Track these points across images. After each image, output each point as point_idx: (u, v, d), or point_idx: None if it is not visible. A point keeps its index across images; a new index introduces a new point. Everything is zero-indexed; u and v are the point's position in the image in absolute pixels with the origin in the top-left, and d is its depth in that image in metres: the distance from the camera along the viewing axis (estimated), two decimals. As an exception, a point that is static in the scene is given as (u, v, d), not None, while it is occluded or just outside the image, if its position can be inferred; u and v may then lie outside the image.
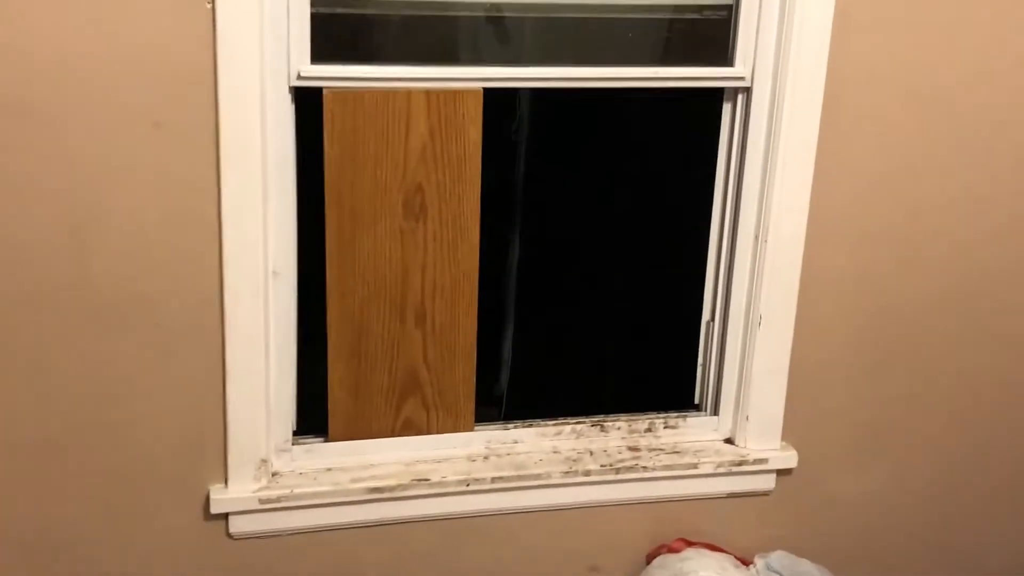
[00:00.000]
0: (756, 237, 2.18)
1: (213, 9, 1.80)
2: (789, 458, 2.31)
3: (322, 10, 1.91)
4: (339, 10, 1.95)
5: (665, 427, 2.32)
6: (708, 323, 2.31)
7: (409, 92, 1.98)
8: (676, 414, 2.34)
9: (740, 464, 2.29)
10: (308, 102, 1.96)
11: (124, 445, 1.99)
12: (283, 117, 1.95)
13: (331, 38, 1.95)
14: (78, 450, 1.98)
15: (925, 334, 2.33)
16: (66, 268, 1.87)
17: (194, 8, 1.80)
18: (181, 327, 1.95)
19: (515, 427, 2.26)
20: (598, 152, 2.62)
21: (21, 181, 1.81)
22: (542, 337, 2.60)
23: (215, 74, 1.83)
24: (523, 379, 2.52)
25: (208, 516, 2.06)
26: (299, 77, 1.92)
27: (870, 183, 2.19)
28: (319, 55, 1.93)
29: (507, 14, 2.06)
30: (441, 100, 1.99)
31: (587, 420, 2.30)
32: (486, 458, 2.21)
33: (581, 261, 2.68)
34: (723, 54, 2.12)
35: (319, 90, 1.94)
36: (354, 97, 1.96)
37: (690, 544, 2.29)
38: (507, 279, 2.62)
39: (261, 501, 2.06)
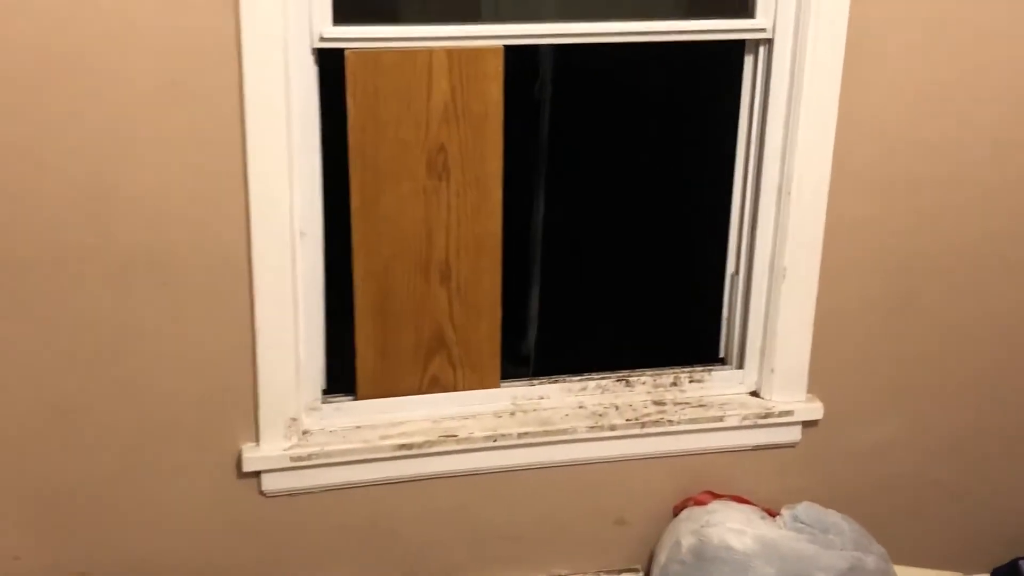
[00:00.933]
0: (779, 190, 2.19)
1: (234, -29, 1.81)
2: (815, 410, 2.33)
3: (342, -30, 1.93)
4: (359, -30, 1.96)
5: (690, 381, 2.34)
6: (732, 276, 2.32)
7: (430, 51, 1.98)
8: (701, 368, 2.35)
9: (766, 416, 2.30)
10: (330, 63, 1.97)
11: (156, 406, 2.03)
12: (306, 79, 1.96)
13: (351, -1, 1.96)
14: (110, 411, 2.02)
15: (949, 284, 2.33)
16: (93, 232, 1.90)
17: (216, -30, 1.81)
18: (210, 288, 1.98)
19: (540, 383, 2.28)
20: (620, 109, 2.64)
21: (46, 146, 1.84)
22: (568, 294, 2.63)
23: (238, 37, 1.85)
24: (549, 336, 2.55)
25: (240, 474, 2.10)
26: (321, 39, 1.94)
27: (893, 133, 2.19)
28: (340, 16, 1.94)
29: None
30: (462, 58, 2.00)
31: (612, 375, 2.32)
32: (512, 414, 2.24)
33: (605, 219, 2.70)
34: (744, 5, 2.11)
35: (341, 51, 1.96)
36: (376, 57, 1.97)
37: (716, 496, 2.31)
38: (532, 237, 2.64)
39: (292, 459, 2.09)
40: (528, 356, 2.58)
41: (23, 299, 1.91)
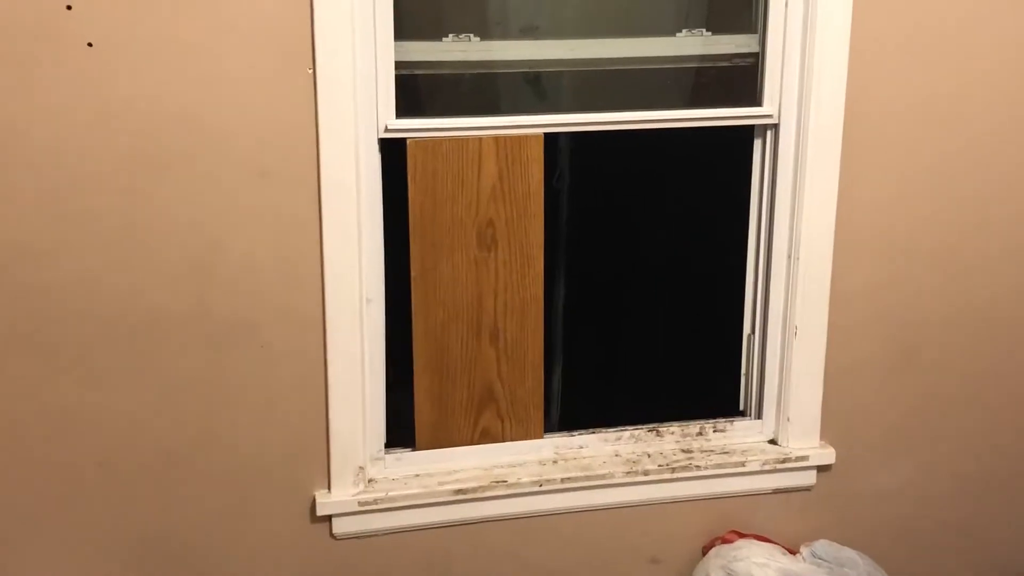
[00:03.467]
0: (789, 256, 2.45)
1: (314, 74, 2.10)
2: (827, 455, 2.55)
3: (404, 72, 2.22)
4: (418, 72, 2.25)
5: (714, 431, 2.57)
6: (749, 336, 2.57)
7: (480, 139, 2.27)
8: (724, 419, 2.59)
9: (784, 462, 2.53)
10: (391, 150, 2.26)
11: (238, 456, 2.27)
12: (373, 164, 2.24)
13: (411, 95, 2.25)
14: (197, 460, 2.25)
15: (949, 337, 2.57)
16: (188, 298, 2.16)
17: (298, 73, 2.10)
18: (288, 349, 2.23)
19: (580, 434, 2.52)
20: (641, 190, 2.89)
21: (151, 223, 2.11)
22: (600, 357, 2.86)
23: (316, 129, 2.13)
24: (585, 393, 2.78)
25: (314, 518, 2.32)
26: (386, 130, 2.22)
27: (890, 202, 2.45)
28: (402, 110, 2.23)
29: (559, 69, 2.35)
30: (508, 145, 2.28)
31: (644, 427, 2.55)
32: (555, 462, 2.47)
33: (631, 288, 2.95)
34: (752, 95, 2.40)
35: (403, 140, 2.24)
36: (433, 145, 2.25)
37: (742, 536, 2.52)
38: (556, 310, 2.88)
39: (360, 504, 2.32)
40: (564, 410, 2.80)
41: (134, 360, 2.17)
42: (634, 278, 2.97)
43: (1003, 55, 2.41)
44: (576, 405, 2.82)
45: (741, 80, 2.40)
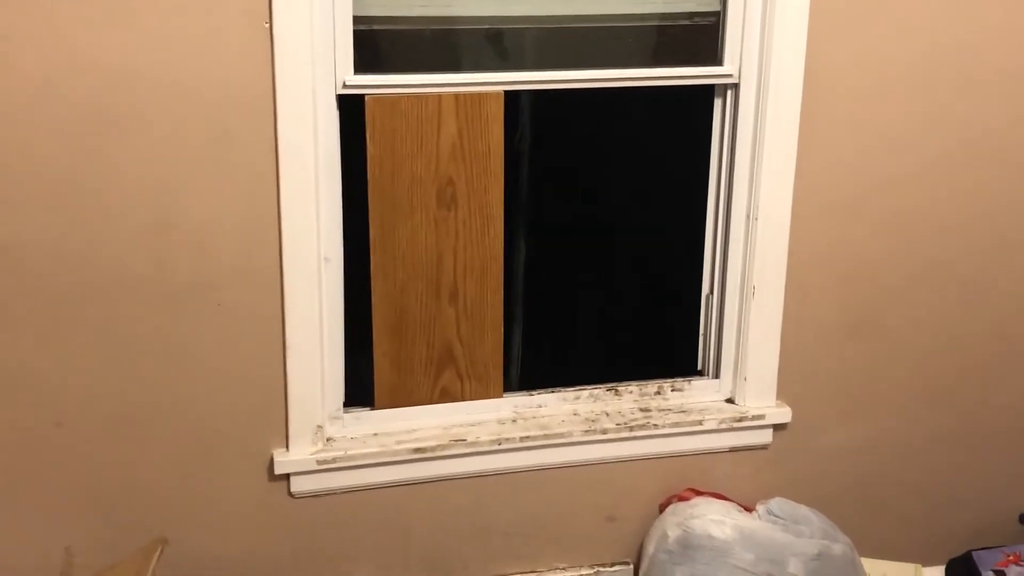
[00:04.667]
0: (748, 216, 2.46)
1: (270, 28, 2.07)
2: (784, 414, 2.58)
3: (362, 27, 2.19)
4: (376, 27, 2.22)
5: (672, 390, 2.59)
6: (708, 296, 2.58)
7: (440, 96, 2.25)
8: (682, 379, 2.60)
9: (740, 420, 2.55)
10: (350, 107, 2.23)
11: (196, 415, 2.26)
12: (330, 121, 2.21)
13: (369, 51, 2.22)
14: (155, 420, 2.24)
15: (903, 297, 2.60)
16: (146, 259, 2.14)
17: (254, 28, 2.07)
18: (247, 309, 2.22)
19: (539, 393, 2.53)
20: (602, 151, 2.89)
21: (108, 184, 2.08)
22: (561, 316, 2.87)
23: (273, 85, 2.10)
24: (545, 352, 2.79)
25: (272, 477, 2.32)
26: (344, 86, 2.19)
27: (847, 163, 2.46)
28: (360, 66, 2.20)
29: (521, 26, 2.33)
30: (468, 102, 2.26)
31: (603, 386, 2.57)
32: (514, 421, 2.48)
33: (591, 248, 2.95)
34: (713, 54, 2.39)
35: (361, 97, 2.22)
36: (392, 102, 2.23)
37: (698, 494, 2.55)
38: (516, 270, 2.88)
39: (319, 462, 2.32)
40: (524, 370, 2.81)
41: (93, 323, 2.15)
42: (595, 238, 2.97)
43: (962, 20, 2.42)
44: (536, 365, 2.83)
45: (703, 39, 2.39)
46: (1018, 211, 2.59)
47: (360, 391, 2.42)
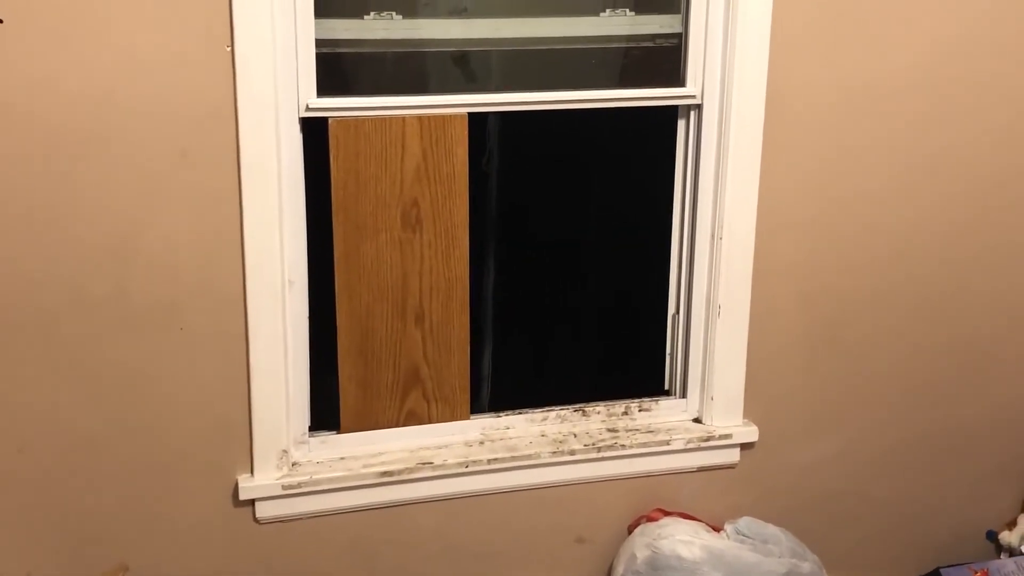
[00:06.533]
0: (712, 235, 2.47)
1: (232, 51, 2.07)
2: (751, 433, 2.59)
3: (326, 50, 2.18)
4: (340, 49, 2.22)
5: (640, 410, 2.59)
6: (674, 316, 2.59)
7: (404, 118, 2.25)
8: (649, 398, 2.61)
9: (707, 440, 2.55)
10: (314, 129, 2.23)
11: (159, 440, 2.23)
12: (294, 144, 2.21)
13: (333, 73, 2.22)
14: (118, 445, 2.21)
15: (871, 316, 2.61)
16: (107, 281, 2.12)
17: (216, 51, 2.06)
18: (210, 332, 2.20)
19: (507, 415, 2.52)
20: (570, 172, 2.90)
21: (67, 206, 2.06)
22: (526, 336, 2.86)
23: (235, 108, 2.09)
24: (511, 374, 2.78)
25: (237, 502, 2.29)
26: (307, 108, 2.19)
27: (812, 183, 2.48)
28: (325, 89, 2.20)
29: (486, 48, 2.34)
30: (432, 124, 2.26)
31: (570, 407, 2.56)
32: (482, 443, 2.47)
33: (559, 269, 2.95)
34: (676, 75, 2.41)
35: (325, 119, 2.21)
36: (356, 124, 2.23)
37: (667, 514, 2.55)
38: (485, 292, 2.87)
39: (284, 487, 2.30)
40: (492, 392, 2.80)
41: (52, 345, 2.12)
42: (562, 259, 2.97)
43: (922, 40, 2.45)
44: (505, 386, 2.82)
45: (665, 61, 2.41)
46: (980, 227, 2.62)
47: (326, 415, 2.40)
